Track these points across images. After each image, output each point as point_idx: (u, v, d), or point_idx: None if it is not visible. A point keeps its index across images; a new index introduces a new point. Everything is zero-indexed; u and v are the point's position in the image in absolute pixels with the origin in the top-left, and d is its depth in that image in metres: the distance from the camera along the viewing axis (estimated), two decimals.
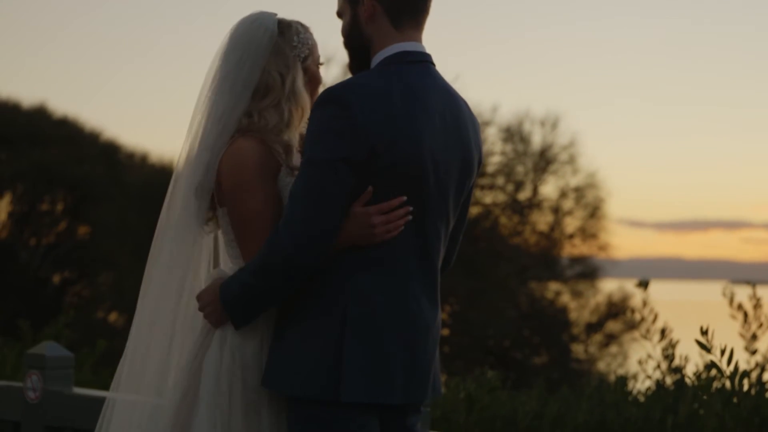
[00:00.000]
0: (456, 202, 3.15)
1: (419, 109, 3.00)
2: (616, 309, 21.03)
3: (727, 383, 5.06)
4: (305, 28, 3.27)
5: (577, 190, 21.55)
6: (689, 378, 5.41)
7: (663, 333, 5.92)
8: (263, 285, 2.98)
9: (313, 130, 2.96)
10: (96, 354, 7.52)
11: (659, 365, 5.87)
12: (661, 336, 5.92)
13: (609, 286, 21.67)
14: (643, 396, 5.66)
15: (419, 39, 3.12)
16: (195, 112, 3.23)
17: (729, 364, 5.06)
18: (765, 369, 5.55)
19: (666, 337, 5.90)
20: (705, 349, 5.14)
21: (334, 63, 16.38)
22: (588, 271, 21.73)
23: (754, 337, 6.04)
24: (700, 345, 5.16)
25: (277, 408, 3.08)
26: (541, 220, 21.62)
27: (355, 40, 3.13)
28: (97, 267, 19.64)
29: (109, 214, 19.17)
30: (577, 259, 21.81)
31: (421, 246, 3.06)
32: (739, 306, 6.15)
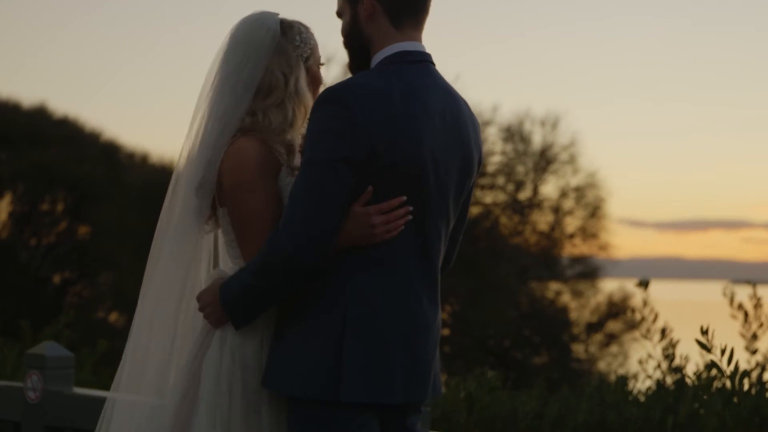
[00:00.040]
0: (456, 201, 3.14)
1: (419, 109, 3.00)
2: (616, 309, 21.03)
3: (728, 383, 5.06)
4: (306, 28, 3.27)
5: (578, 189, 21.55)
6: (689, 378, 5.40)
7: (663, 333, 5.92)
8: (263, 285, 2.98)
9: (313, 130, 2.96)
10: (96, 354, 7.51)
11: (659, 365, 5.86)
12: (662, 336, 5.92)
13: (609, 285, 21.67)
14: (644, 396, 5.66)
15: (419, 39, 3.12)
16: (196, 111, 3.23)
17: (729, 363, 5.06)
18: (765, 369, 5.55)
19: (666, 337, 5.90)
20: (705, 349, 5.14)
21: (334, 63, 16.38)
22: (588, 271, 21.73)
23: (754, 337, 6.05)
24: (700, 345, 5.15)
25: (277, 408, 3.08)
26: (542, 219, 21.63)
27: (355, 39, 3.13)
28: (98, 267, 19.63)
29: (110, 214, 19.16)
30: (578, 259, 21.80)
31: (421, 246, 3.06)
32: (740, 306, 6.15)
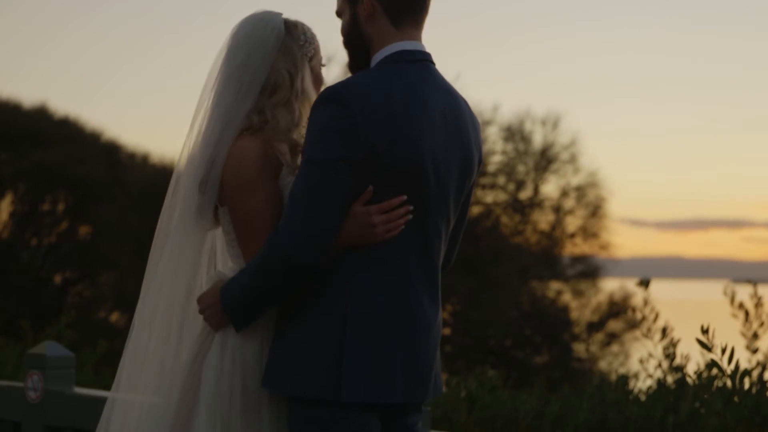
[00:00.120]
0: (456, 201, 3.14)
1: (419, 109, 3.00)
2: (617, 308, 21.04)
3: (728, 382, 5.05)
4: (309, 28, 3.26)
5: (578, 189, 21.55)
6: (690, 377, 5.40)
7: (664, 332, 5.91)
8: (263, 285, 2.98)
9: (313, 129, 2.96)
10: (97, 354, 7.52)
11: (660, 364, 5.86)
12: (662, 335, 5.91)
13: (610, 285, 21.68)
14: (644, 395, 5.65)
15: (419, 38, 3.12)
16: (197, 110, 3.22)
17: (730, 362, 5.05)
18: (766, 368, 5.55)
19: (667, 336, 5.90)
20: (706, 348, 5.13)
21: (334, 62, 16.38)
22: (589, 271, 21.74)
23: (755, 336, 6.04)
24: (701, 344, 5.15)
25: (278, 408, 3.08)
26: (542, 219, 21.63)
27: (355, 39, 3.13)
28: (99, 267, 19.62)
29: (110, 214, 19.17)
30: (579, 259, 21.81)
31: (422, 245, 3.06)
32: (740, 305, 6.15)
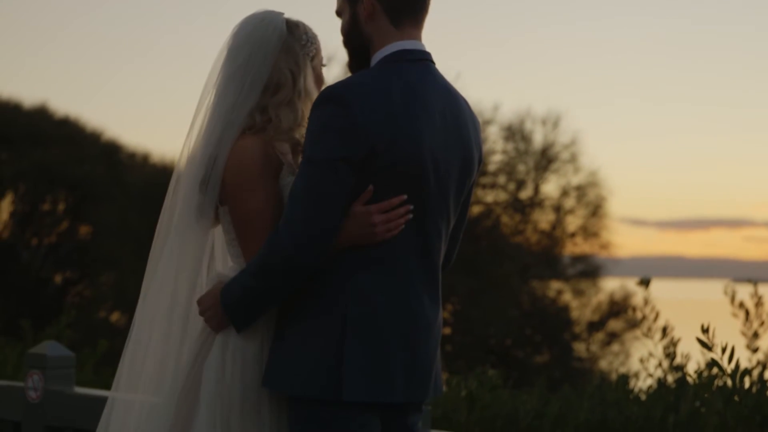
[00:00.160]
0: (456, 200, 3.14)
1: (419, 108, 3.00)
2: (617, 307, 21.04)
3: (729, 381, 5.05)
4: (310, 28, 3.26)
5: (579, 188, 21.55)
6: (690, 376, 5.40)
7: (664, 331, 5.91)
8: (264, 286, 2.98)
9: (313, 129, 2.95)
10: (97, 354, 7.52)
11: (661, 363, 5.86)
12: (663, 334, 5.91)
13: (610, 284, 21.68)
14: (645, 394, 5.65)
15: (419, 37, 3.11)
16: (198, 109, 3.22)
17: (730, 362, 5.05)
18: (766, 367, 5.55)
19: (667, 336, 5.90)
20: (706, 348, 5.13)
21: (334, 62, 16.38)
22: (589, 270, 21.74)
23: (755, 335, 6.04)
24: (701, 343, 5.14)
25: (278, 408, 3.07)
26: (543, 218, 21.63)
27: (355, 39, 3.12)
28: (99, 267, 19.63)
29: (111, 214, 19.17)
30: (579, 258, 21.81)
31: (422, 245, 3.06)
32: (741, 304, 6.15)
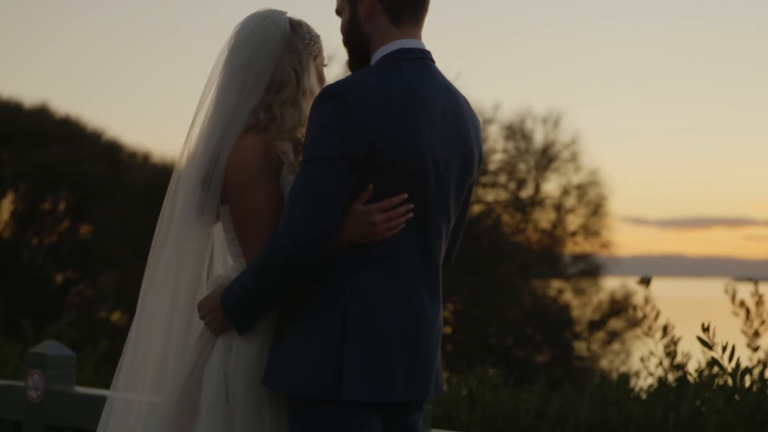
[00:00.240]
0: (457, 199, 3.14)
1: (419, 107, 2.99)
2: (618, 306, 21.04)
3: (729, 380, 5.05)
4: (312, 27, 3.26)
5: (580, 187, 21.55)
6: (691, 375, 5.39)
7: (665, 330, 5.91)
8: (264, 286, 2.97)
9: (313, 128, 2.95)
10: (98, 353, 7.51)
11: (661, 362, 5.85)
12: (663, 333, 5.91)
13: (611, 283, 21.68)
14: (645, 393, 5.65)
15: (419, 36, 3.11)
16: (199, 107, 3.21)
17: (731, 361, 5.05)
18: (767, 366, 5.55)
19: (668, 335, 5.89)
20: (707, 346, 5.13)
21: (334, 61, 16.39)
22: (590, 269, 21.74)
23: (756, 334, 6.04)
24: (702, 342, 5.14)
25: (278, 409, 3.07)
26: (544, 217, 21.63)
27: (355, 37, 3.12)
28: (100, 266, 19.64)
29: (111, 213, 19.18)
30: (580, 257, 21.81)
31: (422, 244, 3.05)
32: (741, 303, 6.14)
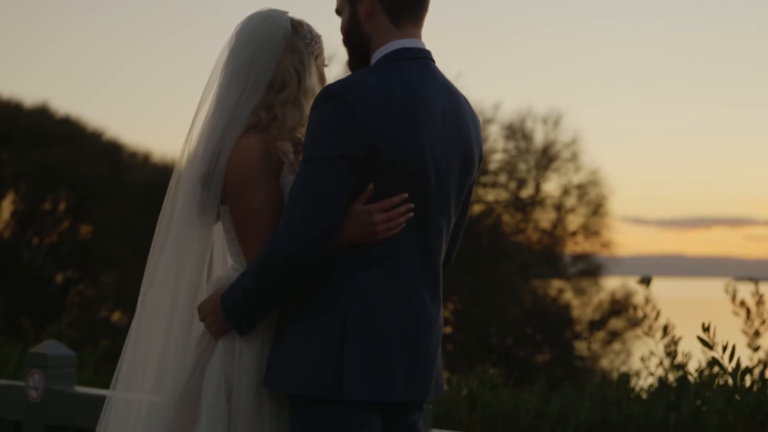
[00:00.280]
0: (457, 199, 3.14)
1: (419, 106, 2.99)
2: (618, 306, 21.03)
3: (730, 380, 5.04)
4: (313, 27, 3.26)
5: (580, 187, 21.54)
6: (692, 375, 5.39)
7: (665, 330, 5.91)
8: (264, 286, 2.97)
9: (313, 127, 2.95)
10: (98, 353, 7.51)
11: (662, 362, 5.85)
12: (664, 333, 5.90)
13: (612, 283, 21.67)
14: (646, 393, 5.64)
15: (419, 36, 3.11)
16: (200, 107, 3.21)
17: (731, 360, 5.05)
18: (767, 366, 5.54)
19: (668, 334, 5.89)
20: (707, 346, 5.13)
21: (335, 61, 16.38)
22: (591, 269, 21.73)
23: (756, 334, 6.04)
24: (702, 342, 5.14)
25: (278, 409, 3.07)
26: (544, 217, 21.62)
27: (354, 37, 3.12)
28: (100, 266, 19.63)
29: (112, 213, 19.17)
30: (580, 257, 21.80)
31: (423, 244, 3.05)
32: (742, 303, 6.14)
